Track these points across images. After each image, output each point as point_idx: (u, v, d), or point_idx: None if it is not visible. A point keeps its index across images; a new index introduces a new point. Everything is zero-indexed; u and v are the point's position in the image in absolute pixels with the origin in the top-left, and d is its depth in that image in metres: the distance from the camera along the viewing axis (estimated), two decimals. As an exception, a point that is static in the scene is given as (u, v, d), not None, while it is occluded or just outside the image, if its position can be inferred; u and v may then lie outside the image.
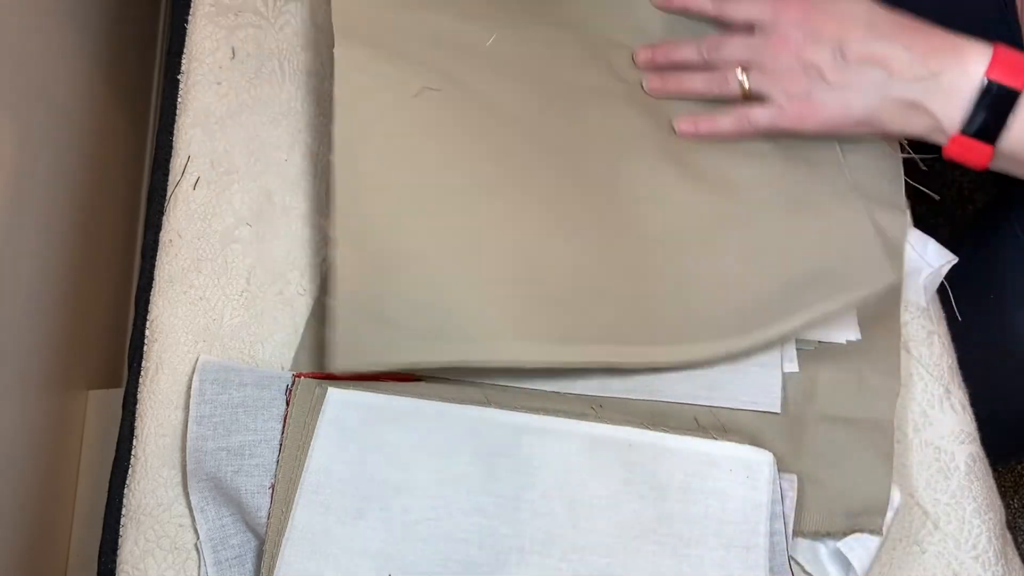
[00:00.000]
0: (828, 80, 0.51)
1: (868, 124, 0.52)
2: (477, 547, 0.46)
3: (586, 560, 0.45)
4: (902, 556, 0.48)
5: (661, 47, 0.59)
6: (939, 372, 0.53)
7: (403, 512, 0.46)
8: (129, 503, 0.48)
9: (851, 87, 0.51)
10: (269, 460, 0.48)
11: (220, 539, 0.47)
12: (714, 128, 0.56)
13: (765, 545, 0.46)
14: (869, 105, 0.51)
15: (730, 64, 0.55)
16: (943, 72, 0.49)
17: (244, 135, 0.58)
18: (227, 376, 0.49)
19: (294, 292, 0.54)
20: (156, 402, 0.50)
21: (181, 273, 0.54)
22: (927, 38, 0.50)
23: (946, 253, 0.56)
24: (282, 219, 0.56)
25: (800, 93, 0.52)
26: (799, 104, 0.53)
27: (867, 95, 0.51)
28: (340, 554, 0.45)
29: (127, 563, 0.47)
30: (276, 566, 0.45)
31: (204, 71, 0.60)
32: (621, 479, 0.47)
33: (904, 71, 0.49)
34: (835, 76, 0.51)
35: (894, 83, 0.50)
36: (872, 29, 0.51)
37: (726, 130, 0.56)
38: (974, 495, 0.50)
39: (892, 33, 0.50)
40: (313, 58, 0.61)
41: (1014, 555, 0.50)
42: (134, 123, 0.91)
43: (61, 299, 0.71)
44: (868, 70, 0.50)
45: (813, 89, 0.52)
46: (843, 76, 0.51)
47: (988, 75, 0.47)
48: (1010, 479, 1.13)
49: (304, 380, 0.49)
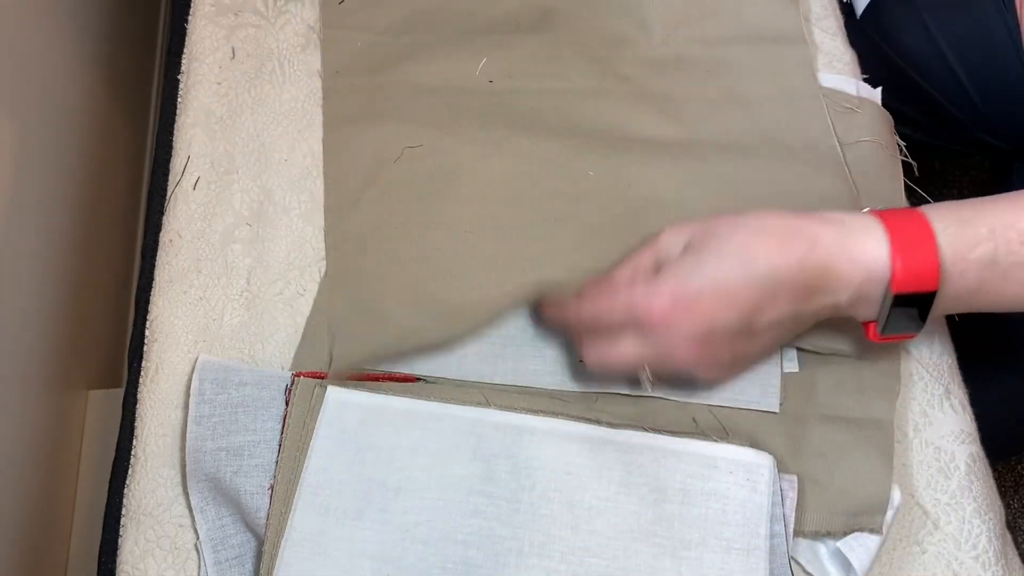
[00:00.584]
0: (745, 356, 0.48)
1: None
2: (476, 548, 0.46)
3: (585, 562, 0.45)
4: (902, 556, 0.48)
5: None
6: (939, 372, 0.53)
7: (402, 513, 0.46)
8: (129, 503, 0.48)
9: (767, 348, 0.48)
10: (268, 460, 0.48)
11: (220, 539, 0.47)
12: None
13: (765, 548, 0.46)
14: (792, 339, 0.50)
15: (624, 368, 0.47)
16: (833, 300, 0.43)
17: (244, 135, 0.58)
18: (226, 376, 0.49)
19: (294, 292, 0.54)
20: (156, 402, 0.50)
21: (181, 273, 0.54)
22: (806, 283, 0.43)
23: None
24: (282, 219, 0.56)
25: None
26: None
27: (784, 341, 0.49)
28: (339, 555, 0.45)
29: (127, 563, 0.47)
30: (275, 566, 0.45)
31: (204, 71, 0.60)
32: (620, 481, 0.47)
33: (805, 322, 0.45)
34: (749, 351, 0.47)
35: (800, 327, 0.46)
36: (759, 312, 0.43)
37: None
38: (974, 495, 0.50)
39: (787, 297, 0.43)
40: (313, 58, 0.61)
41: (1014, 555, 0.50)
42: (134, 123, 0.91)
43: (61, 299, 0.71)
44: (773, 335, 0.45)
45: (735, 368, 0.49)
46: (755, 346, 0.46)
47: (896, 290, 0.42)
48: (1010, 479, 1.13)
49: (303, 380, 0.49)
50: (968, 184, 1.19)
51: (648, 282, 0.44)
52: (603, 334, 0.46)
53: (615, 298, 0.45)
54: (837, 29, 0.66)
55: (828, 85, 0.61)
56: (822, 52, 0.64)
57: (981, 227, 0.42)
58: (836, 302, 0.43)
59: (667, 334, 0.43)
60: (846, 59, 0.64)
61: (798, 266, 0.42)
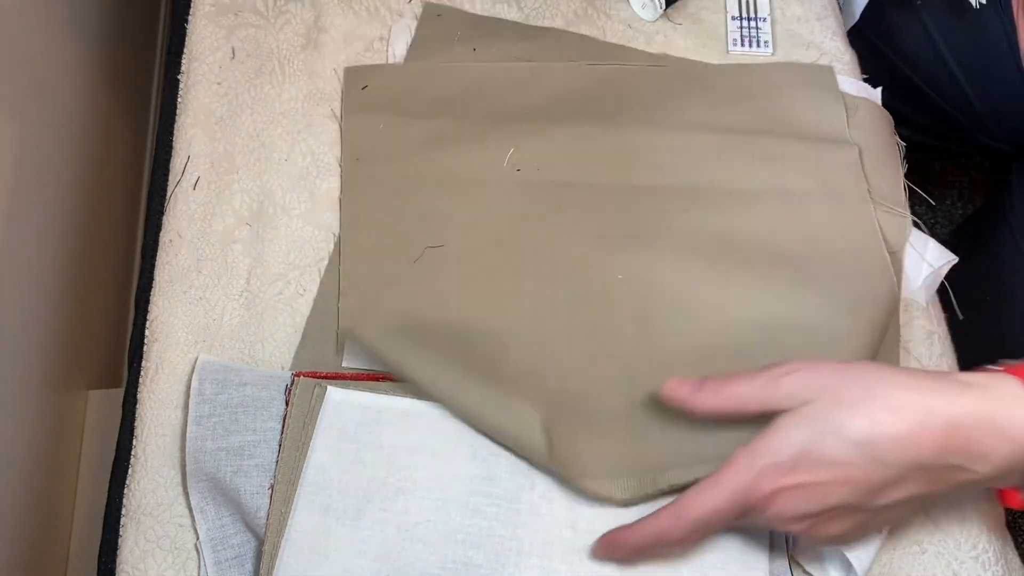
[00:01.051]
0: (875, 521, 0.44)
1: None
2: (476, 548, 0.46)
3: (585, 562, 0.45)
4: (902, 556, 0.48)
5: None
6: (939, 372, 0.53)
7: (402, 513, 0.46)
8: (129, 503, 0.48)
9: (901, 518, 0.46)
10: (268, 460, 0.48)
11: (220, 539, 0.47)
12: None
13: (765, 547, 0.46)
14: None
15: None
16: (976, 462, 0.40)
17: (244, 135, 0.58)
18: (226, 376, 0.49)
19: (294, 292, 0.54)
20: (156, 402, 0.50)
21: (181, 273, 0.54)
22: (947, 437, 0.40)
23: (946, 253, 0.56)
24: (282, 219, 0.56)
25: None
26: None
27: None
28: (339, 555, 0.45)
29: (127, 563, 0.47)
30: (275, 566, 0.45)
31: (204, 71, 0.60)
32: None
33: (940, 489, 0.41)
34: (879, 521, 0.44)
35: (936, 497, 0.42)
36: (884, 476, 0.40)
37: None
38: (974, 494, 0.50)
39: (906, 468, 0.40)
40: (313, 58, 0.61)
41: (1014, 555, 0.50)
42: (134, 123, 0.91)
43: (61, 299, 0.71)
44: (904, 510, 0.42)
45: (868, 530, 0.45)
46: (886, 517, 0.44)
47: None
48: (1010, 479, 1.13)
49: (303, 380, 0.49)
50: (968, 185, 1.19)
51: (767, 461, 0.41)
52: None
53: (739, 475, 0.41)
54: (837, 29, 0.66)
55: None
56: (822, 52, 0.64)
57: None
58: (976, 479, 0.40)
59: (776, 510, 0.41)
60: (846, 59, 0.64)
61: (932, 455, 0.39)
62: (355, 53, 0.62)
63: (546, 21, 0.64)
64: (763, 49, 0.64)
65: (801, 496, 0.40)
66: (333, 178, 0.57)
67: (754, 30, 0.65)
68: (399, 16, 0.64)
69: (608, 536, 0.44)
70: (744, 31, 0.65)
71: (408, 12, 0.64)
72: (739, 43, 0.65)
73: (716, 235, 0.55)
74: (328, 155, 0.58)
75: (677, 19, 0.65)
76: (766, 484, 0.40)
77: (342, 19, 0.63)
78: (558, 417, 0.48)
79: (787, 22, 0.66)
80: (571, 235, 0.54)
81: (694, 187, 0.56)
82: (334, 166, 0.58)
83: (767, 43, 0.65)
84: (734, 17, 0.65)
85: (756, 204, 0.56)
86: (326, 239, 0.55)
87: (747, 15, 0.66)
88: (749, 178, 0.57)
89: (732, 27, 0.65)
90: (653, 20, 0.65)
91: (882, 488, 0.40)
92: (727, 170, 0.57)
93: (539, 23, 0.64)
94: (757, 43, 0.65)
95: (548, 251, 0.54)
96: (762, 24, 0.65)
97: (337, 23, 0.63)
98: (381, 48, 0.62)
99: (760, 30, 0.65)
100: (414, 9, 0.64)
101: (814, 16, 0.66)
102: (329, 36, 0.62)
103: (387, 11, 0.64)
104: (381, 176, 0.56)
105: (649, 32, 0.64)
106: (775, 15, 0.66)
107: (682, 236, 0.55)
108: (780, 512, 0.40)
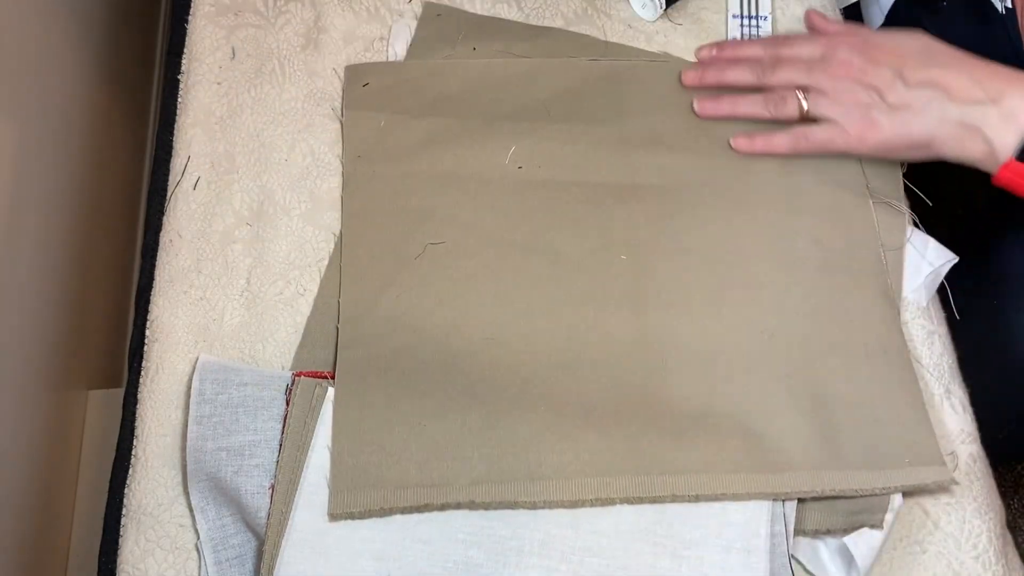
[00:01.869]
0: (888, 101, 0.52)
1: (924, 147, 0.52)
2: (477, 548, 0.46)
3: (586, 562, 0.45)
4: (903, 556, 0.48)
5: (711, 67, 0.59)
6: (939, 372, 0.53)
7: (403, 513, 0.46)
8: (130, 503, 0.48)
9: (910, 108, 0.52)
10: (269, 460, 0.48)
11: (220, 539, 0.47)
12: (769, 145, 0.57)
13: (766, 547, 0.46)
14: (927, 127, 0.51)
15: (787, 86, 0.56)
16: (1001, 98, 0.49)
17: (244, 135, 0.58)
18: (227, 376, 0.49)
19: (294, 292, 0.54)
20: (157, 402, 0.50)
21: (181, 273, 0.54)
22: (985, 67, 0.51)
23: (946, 253, 0.56)
24: (282, 219, 0.56)
25: (859, 113, 0.53)
26: (858, 124, 0.53)
27: (926, 117, 0.51)
28: (340, 554, 0.45)
29: (127, 563, 0.47)
30: (276, 566, 0.45)
31: (204, 71, 0.60)
32: (621, 480, 0.47)
33: (963, 95, 0.50)
34: (895, 97, 0.52)
35: (952, 106, 0.50)
36: (931, 57, 0.52)
37: (781, 147, 0.56)
38: (974, 495, 0.50)
39: (951, 62, 0.52)
40: (313, 58, 0.61)
41: (1014, 555, 0.50)
42: (134, 123, 0.91)
43: (61, 299, 0.71)
44: (927, 92, 0.51)
45: (873, 109, 0.53)
46: (903, 97, 0.52)
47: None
48: (1010, 479, 1.13)
49: (304, 380, 0.49)
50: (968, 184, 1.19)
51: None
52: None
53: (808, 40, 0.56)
54: (837, 29, 0.66)
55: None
56: (822, 52, 0.64)
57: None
58: (985, 111, 0.49)
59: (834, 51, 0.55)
60: (846, 59, 0.64)
61: (962, 53, 0.52)
62: (355, 53, 0.62)
63: (546, 21, 0.64)
64: (763, 49, 0.64)
65: (867, 52, 0.53)
66: (333, 178, 0.57)
67: (754, 28, 0.65)
68: (399, 16, 0.64)
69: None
70: (744, 29, 0.65)
71: (408, 12, 0.64)
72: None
73: (715, 233, 0.55)
74: (328, 155, 0.58)
75: (677, 19, 0.65)
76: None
77: (342, 19, 0.63)
78: (558, 416, 0.48)
79: (787, 22, 0.66)
80: (572, 233, 0.54)
81: (695, 185, 0.56)
82: (334, 166, 0.58)
83: (767, 43, 0.64)
84: (735, 15, 0.65)
85: (756, 202, 0.56)
86: (326, 239, 0.55)
87: (748, 13, 0.66)
88: (749, 176, 0.57)
89: (732, 25, 0.65)
90: (653, 20, 0.65)
91: (922, 61, 0.52)
92: (728, 168, 0.57)
93: (539, 23, 0.64)
94: (757, 42, 0.64)
95: (549, 248, 0.54)
96: (763, 23, 0.65)
97: (337, 23, 0.63)
98: (381, 48, 0.62)
99: (760, 29, 0.65)
100: (414, 9, 0.64)
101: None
102: (329, 36, 0.62)
103: (387, 11, 0.64)
104: (382, 173, 0.56)
105: (649, 32, 0.64)
106: (775, 15, 0.66)
107: (681, 234, 0.55)
108: (851, 58, 0.54)
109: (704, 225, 0.55)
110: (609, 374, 0.50)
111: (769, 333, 0.52)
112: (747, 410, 0.49)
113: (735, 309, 0.52)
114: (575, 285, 0.53)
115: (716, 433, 0.48)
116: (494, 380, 0.49)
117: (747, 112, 0.58)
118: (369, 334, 0.50)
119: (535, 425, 0.48)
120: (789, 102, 0.56)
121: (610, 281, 0.53)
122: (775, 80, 0.57)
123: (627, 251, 0.54)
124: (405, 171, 0.56)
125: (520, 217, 0.55)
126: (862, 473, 0.47)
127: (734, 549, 0.46)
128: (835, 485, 0.47)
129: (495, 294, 0.52)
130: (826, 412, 0.49)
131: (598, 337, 0.51)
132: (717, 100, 0.58)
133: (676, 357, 0.51)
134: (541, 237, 0.54)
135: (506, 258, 0.53)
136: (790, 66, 0.56)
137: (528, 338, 0.51)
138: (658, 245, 0.54)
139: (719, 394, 0.50)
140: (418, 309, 0.51)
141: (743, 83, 0.58)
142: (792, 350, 0.51)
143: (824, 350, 0.51)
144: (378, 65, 0.61)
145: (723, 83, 0.59)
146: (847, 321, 0.52)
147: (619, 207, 0.55)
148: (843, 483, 0.47)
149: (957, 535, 0.49)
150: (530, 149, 0.57)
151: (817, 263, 0.54)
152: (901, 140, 0.53)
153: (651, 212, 0.55)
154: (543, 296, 0.52)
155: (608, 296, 0.52)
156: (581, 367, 0.50)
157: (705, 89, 0.60)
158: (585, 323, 0.51)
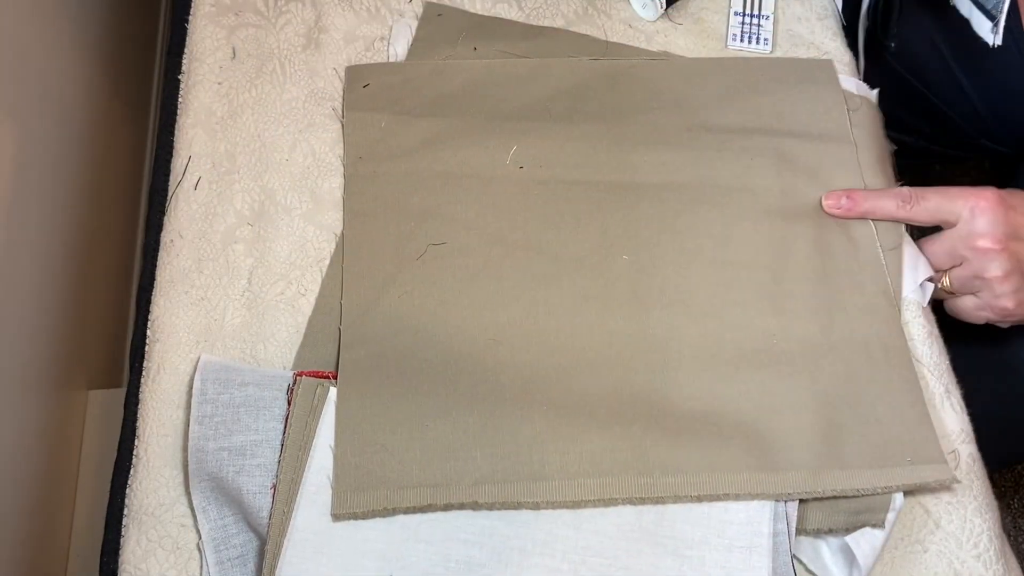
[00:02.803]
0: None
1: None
2: (479, 547, 0.46)
3: (587, 561, 0.45)
4: (904, 555, 0.48)
5: (855, 200, 0.56)
6: (939, 372, 0.53)
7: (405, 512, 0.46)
8: (131, 503, 0.48)
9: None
10: (271, 460, 0.48)
11: (222, 539, 0.47)
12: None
13: (768, 546, 0.46)
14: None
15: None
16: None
17: (245, 135, 0.58)
18: (228, 376, 0.49)
19: (295, 292, 0.54)
20: (158, 402, 0.50)
21: (182, 273, 0.54)
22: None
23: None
24: (283, 219, 0.56)
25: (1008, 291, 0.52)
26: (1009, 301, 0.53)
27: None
28: (342, 554, 0.45)
29: (129, 563, 0.47)
30: (278, 566, 0.45)
31: (205, 71, 0.60)
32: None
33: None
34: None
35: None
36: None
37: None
38: (975, 494, 0.50)
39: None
40: (314, 58, 0.61)
41: (1011, 555, 0.50)
42: (134, 123, 0.91)
43: (61, 299, 0.71)
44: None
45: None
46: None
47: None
48: (1010, 479, 1.13)
49: (305, 379, 0.49)
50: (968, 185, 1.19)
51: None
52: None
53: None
54: (838, 30, 0.66)
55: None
56: (822, 52, 0.64)
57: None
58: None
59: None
60: (846, 59, 0.65)
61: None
62: (356, 53, 0.62)
63: (547, 21, 0.64)
64: (762, 46, 0.64)
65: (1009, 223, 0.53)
66: (334, 178, 0.57)
67: (755, 27, 0.65)
68: (400, 16, 0.64)
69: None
70: (745, 27, 0.65)
71: (409, 12, 0.64)
72: (738, 39, 0.65)
73: (717, 232, 0.55)
74: (329, 155, 0.58)
75: (678, 19, 0.65)
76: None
77: (343, 19, 0.63)
78: (560, 416, 0.48)
79: (787, 21, 0.66)
80: (573, 232, 0.54)
81: (696, 184, 0.57)
82: (335, 166, 0.58)
83: (767, 41, 0.65)
84: (737, 12, 0.65)
85: (756, 201, 0.56)
86: (327, 239, 0.55)
87: (750, 11, 0.66)
88: (749, 175, 0.57)
89: (734, 22, 0.65)
90: (654, 20, 0.65)
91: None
92: (728, 167, 0.57)
93: (540, 23, 0.64)
94: (757, 40, 0.65)
95: (550, 248, 0.54)
96: (764, 22, 0.65)
97: (338, 23, 0.63)
98: (382, 48, 0.62)
99: (761, 27, 0.65)
100: (415, 9, 0.64)
101: (815, 16, 0.66)
102: (330, 36, 0.62)
103: (388, 11, 0.64)
104: (384, 173, 0.56)
105: (650, 32, 0.64)
106: (776, 14, 0.66)
107: (683, 234, 0.55)
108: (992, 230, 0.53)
109: (705, 225, 0.55)
110: (611, 374, 0.50)
111: (770, 333, 0.52)
112: (748, 410, 0.49)
113: (736, 309, 0.52)
114: (577, 285, 0.53)
115: (718, 433, 0.48)
116: (496, 380, 0.49)
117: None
118: (371, 334, 0.50)
119: (538, 425, 0.48)
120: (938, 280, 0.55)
121: (612, 281, 0.53)
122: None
123: (629, 251, 0.54)
124: (406, 171, 0.56)
125: (522, 217, 0.55)
126: (864, 472, 0.47)
127: (736, 548, 0.46)
128: (837, 485, 0.47)
129: (497, 294, 0.52)
130: (827, 412, 0.49)
131: (600, 337, 0.51)
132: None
133: (678, 357, 0.51)
134: (543, 237, 0.54)
135: (508, 258, 0.53)
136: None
137: (530, 338, 0.51)
138: (660, 245, 0.54)
139: (721, 394, 0.50)
140: (420, 309, 0.51)
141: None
142: (793, 350, 0.51)
143: (825, 350, 0.51)
144: (379, 66, 0.61)
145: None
146: (847, 321, 0.52)
147: (621, 207, 0.55)
148: (845, 483, 0.47)
149: (958, 534, 0.49)
150: (532, 149, 0.57)
151: (817, 263, 0.54)
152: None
153: (653, 212, 0.55)
154: (545, 296, 0.52)
155: (610, 296, 0.52)
156: (583, 367, 0.50)
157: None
158: (587, 323, 0.52)
